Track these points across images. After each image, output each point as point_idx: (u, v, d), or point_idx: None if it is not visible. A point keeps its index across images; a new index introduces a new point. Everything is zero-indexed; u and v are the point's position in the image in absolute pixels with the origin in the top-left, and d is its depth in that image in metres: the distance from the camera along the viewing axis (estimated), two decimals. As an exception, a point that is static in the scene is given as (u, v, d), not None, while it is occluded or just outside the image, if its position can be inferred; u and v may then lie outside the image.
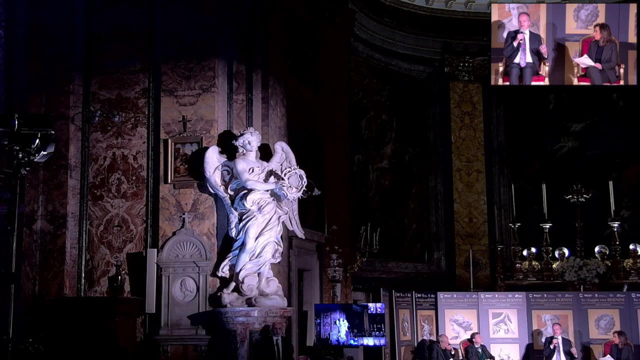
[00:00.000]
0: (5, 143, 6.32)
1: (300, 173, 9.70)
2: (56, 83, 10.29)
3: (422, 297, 13.67)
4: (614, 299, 13.11)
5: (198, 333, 9.41)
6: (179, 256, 9.62)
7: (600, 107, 15.65)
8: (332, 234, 12.18)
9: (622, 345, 12.21)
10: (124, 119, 10.25)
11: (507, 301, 13.58)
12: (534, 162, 15.80)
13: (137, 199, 10.07)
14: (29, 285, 9.75)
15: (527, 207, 14.91)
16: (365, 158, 14.89)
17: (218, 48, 10.01)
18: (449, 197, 15.80)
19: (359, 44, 14.68)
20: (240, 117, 10.07)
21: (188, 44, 10.02)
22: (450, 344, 12.80)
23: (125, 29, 10.27)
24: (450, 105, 15.99)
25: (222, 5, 10.08)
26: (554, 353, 12.33)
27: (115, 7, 10.34)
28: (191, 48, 10.01)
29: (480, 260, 15.20)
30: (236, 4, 10.14)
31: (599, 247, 14.25)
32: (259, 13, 10.39)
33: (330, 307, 11.34)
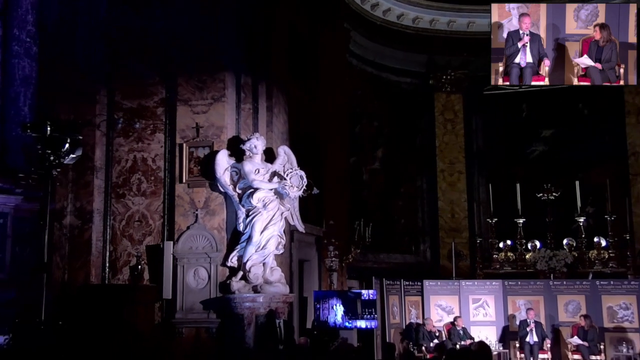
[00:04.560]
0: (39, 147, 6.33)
1: (301, 174, 9.68)
2: (83, 93, 10.26)
3: (410, 285, 13.70)
4: (580, 286, 13.13)
5: (209, 317, 9.39)
6: (192, 248, 9.60)
7: (567, 115, 15.61)
8: (330, 228, 12.17)
9: (587, 327, 12.24)
10: (144, 126, 10.22)
11: (485, 288, 13.61)
12: (509, 164, 15.79)
13: (155, 197, 10.05)
14: (59, 274, 9.72)
15: (503, 204, 14.89)
16: (359, 160, 14.90)
17: (227, 62, 9.98)
18: (433, 195, 15.81)
19: (353, 58, 14.69)
20: (247, 123, 10.05)
21: (201, 58, 9.99)
22: (434, 326, 12.84)
23: (145, 45, 10.24)
24: (435, 113, 16.00)
25: (232, 25, 10.06)
26: (529, 334, 12.37)
27: (137, 26, 10.31)
28: (204, 62, 9.98)
29: (461, 252, 15.19)
30: (244, 24, 10.12)
31: (567, 239, 14.24)
32: (265, 31, 10.37)
33: (328, 293, 11.32)
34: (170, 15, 10.15)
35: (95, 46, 10.33)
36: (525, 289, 13.39)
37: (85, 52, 10.30)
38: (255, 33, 10.22)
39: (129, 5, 10.33)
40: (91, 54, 10.31)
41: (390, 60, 15.58)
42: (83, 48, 10.30)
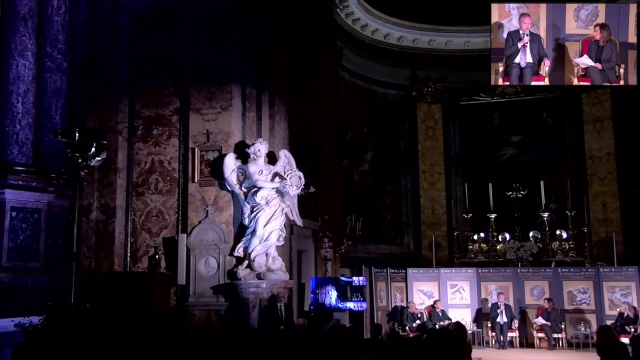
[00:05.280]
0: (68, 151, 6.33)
1: (300, 174, 9.69)
2: (107, 104, 10.25)
3: (395, 272, 13.73)
4: (544, 273, 13.19)
5: (218, 300, 9.39)
6: (203, 240, 9.59)
7: (533, 123, 15.57)
8: (325, 222, 12.16)
9: (550, 309, 12.30)
10: (160, 132, 10.21)
11: (461, 275, 13.65)
12: (483, 166, 15.76)
13: (171, 195, 10.04)
14: (86, 263, 9.72)
15: (477, 201, 14.94)
16: (350, 162, 14.90)
17: (234, 76, 9.97)
18: (416, 194, 15.81)
19: (345, 73, 14.70)
20: (252, 130, 10.04)
21: (211, 72, 9.98)
22: (417, 309, 12.87)
23: (161, 60, 10.23)
24: (417, 121, 15.99)
25: (238, 42, 10.05)
26: (499, 315, 12.41)
27: (154, 42, 10.32)
28: (213, 75, 9.98)
29: (440, 243, 15.21)
30: (249, 41, 10.13)
31: (532, 232, 14.33)
32: (267, 48, 10.37)
33: (324, 280, 11.35)
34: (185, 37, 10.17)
35: (118, 63, 10.35)
36: (496, 275, 13.44)
37: (109, 68, 10.32)
38: (259, 49, 10.22)
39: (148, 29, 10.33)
40: (115, 70, 10.33)
41: (377, 74, 15.59)
42: (108, 65, 10.32)
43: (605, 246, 13.63)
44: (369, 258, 14.07)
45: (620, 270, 12.58)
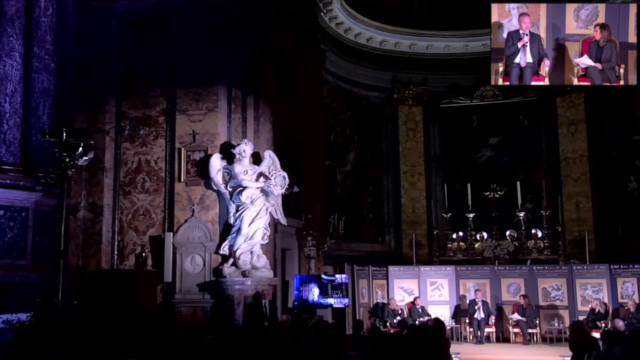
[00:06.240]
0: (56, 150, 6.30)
1: (284, 174, 9.72)
2: (95, 104, 10.21)
3: (377, 270, 13.80)
4: (520, 271, 13.33)
5: (204, 297, 9.41)
6: (189, 238, 9.60)
7: (510, 125, 15.67)
8: (308, 221, 12.19)
9: (526, 305, 12.45)
10: (148, 132, 10.19)
11: (440, 273, 13.74)
12: (462, 167, 15.83)
13: (158, 194, 10.03)
14: (74, 261, 9.67)
15: (456, 201, 15.04)
16: (333, 163, 14.92)
17: (220, 78, 9.98)
18: (397, 193, 15.84)
19: (329, 75, 14.70)
20: (237, 131, 10.05)
21: (198, 74, 9.99)
22: (397, 305, 12.94)
23: (149, 63, 10.21)
24: (399, 123, 16.00)
25: (225, 45, 10.07)
26: (477, 311, 12.53)
27: (142, 45, 10.29)
28: (200, 78, 9.98)
29: (421, 242, 15.25)
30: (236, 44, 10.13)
31: (509, 231, 14.44)
32: (253, 51, 10.37)
33: (307, 278, 11.39)
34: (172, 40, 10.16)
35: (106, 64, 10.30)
36: (474, 273, 13.55)
37: (97, 69, 10.27)
38: (245, 53, 10.22)
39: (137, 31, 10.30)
40: (103, 71, 10.28)
41: (360, 77, 15.62)
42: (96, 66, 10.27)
43: (578, 245, 13.79)
44: (351, 256, 14.11)
45: (592, 268, 12.76)
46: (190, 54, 10.03)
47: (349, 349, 6.04)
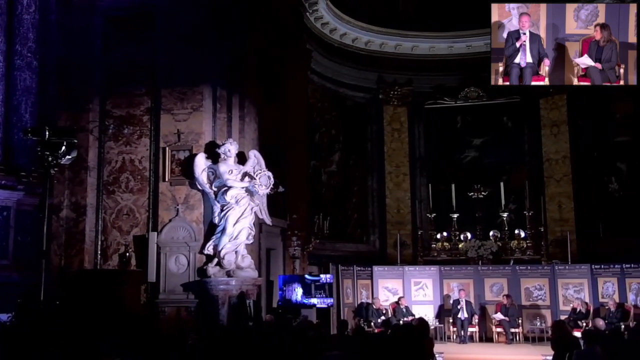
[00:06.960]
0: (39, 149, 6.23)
1: (269, 174, 9.71)
2: (79, 103, 10.13)
3: (361, 270, 13.83)
4: (503, 271, 13.44)
5: (189, 297, 9.37)
6: (174, 238, 9.56)
7: (494, 127, 15.76)
8: (293, 221, 12.19)
9: (509, 305, 12.55)
10: (132, 131, 10.13)
11: (425, 273, 13.81)
12: (446, 167, 15.88)
13: (142, 193, 9.98)
14: (56, 260, 9.58)
15: (440, 201, 15.11)
16: (318, 163, 14.91)
17: (205, 77, 9.95)
18: (382, 194, 15.87)
19: (314, 75, 14.70)
20: (222, 130, 10.02)
21: (182, 74, 9.94)
22: (382, 305, 12.99)
23: (133, 62, 10.14)
24: (384, 123, 16.02)
25: (210, 45, 10.04)
26: (460, 311, 12.61)
27: (127, 43, 10.22)
28: (185, 77, 9.94)
29: (405, 242, 15.28)
30: (220, 43, 10.10)
31: (492, 231, 14.54)
32: (238, 50, 10.34)
33: (291, 278, 11.39)
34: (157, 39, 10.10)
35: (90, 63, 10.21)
36: (458, 273, 13.64)
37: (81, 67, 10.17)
38: (230, 52, 10.19)
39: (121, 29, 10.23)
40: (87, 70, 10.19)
41: (345, 77, 15.64)
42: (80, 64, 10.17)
43: (561, 245, 13.92)
44: (336, 256, 14.12)
45: (573, 268, 12.90)
46: (174, 53, 9.98)
47: (333, 349, 6.05)
